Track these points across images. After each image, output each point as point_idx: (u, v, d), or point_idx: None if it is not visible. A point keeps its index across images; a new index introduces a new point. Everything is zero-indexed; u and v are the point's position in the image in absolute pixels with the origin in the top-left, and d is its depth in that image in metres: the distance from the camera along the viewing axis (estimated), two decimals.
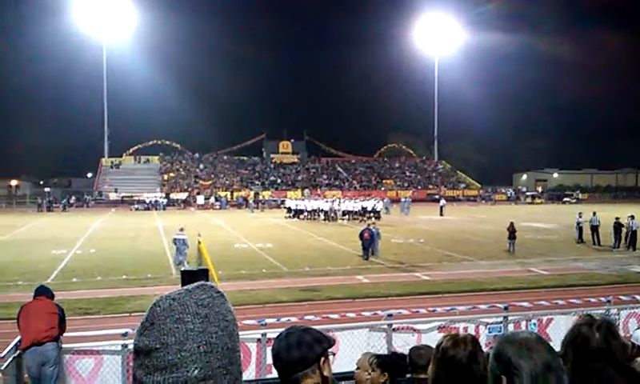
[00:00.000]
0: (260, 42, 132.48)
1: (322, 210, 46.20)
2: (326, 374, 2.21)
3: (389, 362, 3.85)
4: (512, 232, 25.78)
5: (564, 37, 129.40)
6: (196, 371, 1.15)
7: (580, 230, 30.02)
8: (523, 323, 10.08)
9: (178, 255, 21.79)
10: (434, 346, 2.67)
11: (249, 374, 8.61)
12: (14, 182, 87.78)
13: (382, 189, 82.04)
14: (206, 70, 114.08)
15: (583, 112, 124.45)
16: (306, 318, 12.13)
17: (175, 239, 22.20)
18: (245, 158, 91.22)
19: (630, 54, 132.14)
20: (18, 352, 7.99)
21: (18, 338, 8.13)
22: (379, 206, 46.44)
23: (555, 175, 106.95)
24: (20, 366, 8.04)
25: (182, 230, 22.37)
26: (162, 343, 1.15)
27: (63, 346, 8.31)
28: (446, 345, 2.50)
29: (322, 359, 2.21)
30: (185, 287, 1.25)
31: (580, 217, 30.41)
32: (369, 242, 24.01)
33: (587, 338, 2.31)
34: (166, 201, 67.58)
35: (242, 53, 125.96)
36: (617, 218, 27.83)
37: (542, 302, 13.24)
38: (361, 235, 24.31)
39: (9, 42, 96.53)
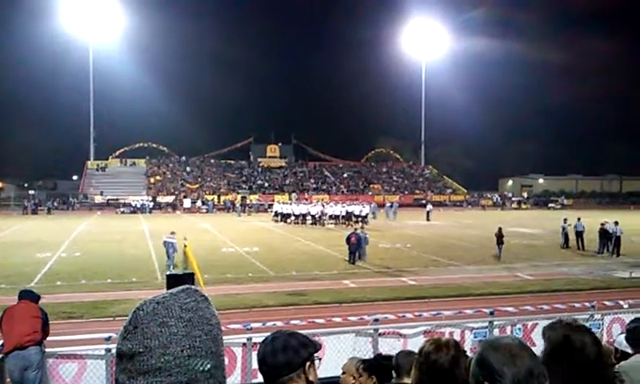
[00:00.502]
0: (248, 46, 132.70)
1: (310, 214, 46.23)
2: (311, 378, 2.21)
3: (375, 365, 3.86)
4: (500, 237, 25.92)
5: (550, 44, 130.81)
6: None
7: (565, 235, 30.25)
8: (508, 328, 10.13)
9: (170, 260, 21.57)
10: None
11: (234, 378, 8.57)
12: None
13: (370, 193, 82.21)
14: (194, 72, 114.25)
15: (568, 118, 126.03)
16: (292, 322, 12.08)
17: (165, 242, 22.05)
18: (232, 162, 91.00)
19: (616, 61, 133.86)
20: (1, 356, 7.89)
21: (1, 341, 8.03)
22: (365, 211, 46.42)
23: (541, 181, 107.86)
24: (2, 370, 7.94)
25: (172, 233, 22.21)
26: (145, 347, 1.14)
27: (46, 350, 8.22)
28: (428, 349, 2.52)
29: (308, 364, 2.21)
30: (169, 291, 1.24)
31: (565, 222, 30.65)
32: (356, 246, 23.99)
33: (583, 344, 2.30)
34: (152, 204, 67.16)
35: (230, 56, 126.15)
36: (602, 224, 28.09)
37: (528, 307, 13.30)
38: (348, 239, 24.27)
39: None
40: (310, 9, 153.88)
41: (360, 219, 43.11)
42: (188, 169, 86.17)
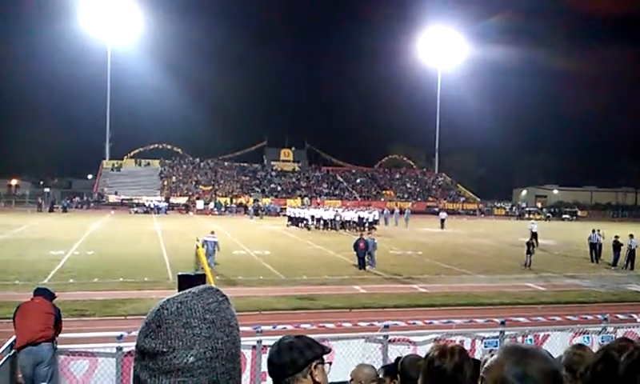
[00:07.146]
0: (264, 50, 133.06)
1: (323, 218, 46.24)
2: (318, 380, 2.23)
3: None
4: (530, 245, 25.67)
5: (566, 53, 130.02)
6: (192, 358, 1.15)
7: (592, 246, 29.54)
8: (520, 338, 10.05)
9: (210, 258, 21.78)
10: None
11: (243, 380, 8.59)
12: (13, 182, 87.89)
13: (382, 199, 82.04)
14: (209, 75, 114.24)
15: (584, 129, 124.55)
16: (302, 326, 12.10)
17: (206, 241, 22.30)
18: (245, 165, 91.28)
19: (634, 72, 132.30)
20: (13, 351, 7.98)
21: (13, 337, 8.11)
22: (375, 217, 46.24)
23: (555, 192, 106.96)
24: (14, 366, 8.02)
25: (212, 232, 22.59)
26: (168, 347, 1.15)
27: (58, 346, 8.30)
28: (432, 355, 2.54)
29: (314, 364, 2.24)
30: (191, 290, 1.24)
31: (593, 233, 29.78)
32: (364, 251, 23.97)
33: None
34: (166, 205, 67.46)
35: (246, 59, 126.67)
36: (616, 237, 27.76)
37: (539, 318, 13.21)
38: (356, 245, 24.26)
39: (14, 42, 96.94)
40: (326, 15, 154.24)
41: (368, 225, 43.04)
42: (201, 166, 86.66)
